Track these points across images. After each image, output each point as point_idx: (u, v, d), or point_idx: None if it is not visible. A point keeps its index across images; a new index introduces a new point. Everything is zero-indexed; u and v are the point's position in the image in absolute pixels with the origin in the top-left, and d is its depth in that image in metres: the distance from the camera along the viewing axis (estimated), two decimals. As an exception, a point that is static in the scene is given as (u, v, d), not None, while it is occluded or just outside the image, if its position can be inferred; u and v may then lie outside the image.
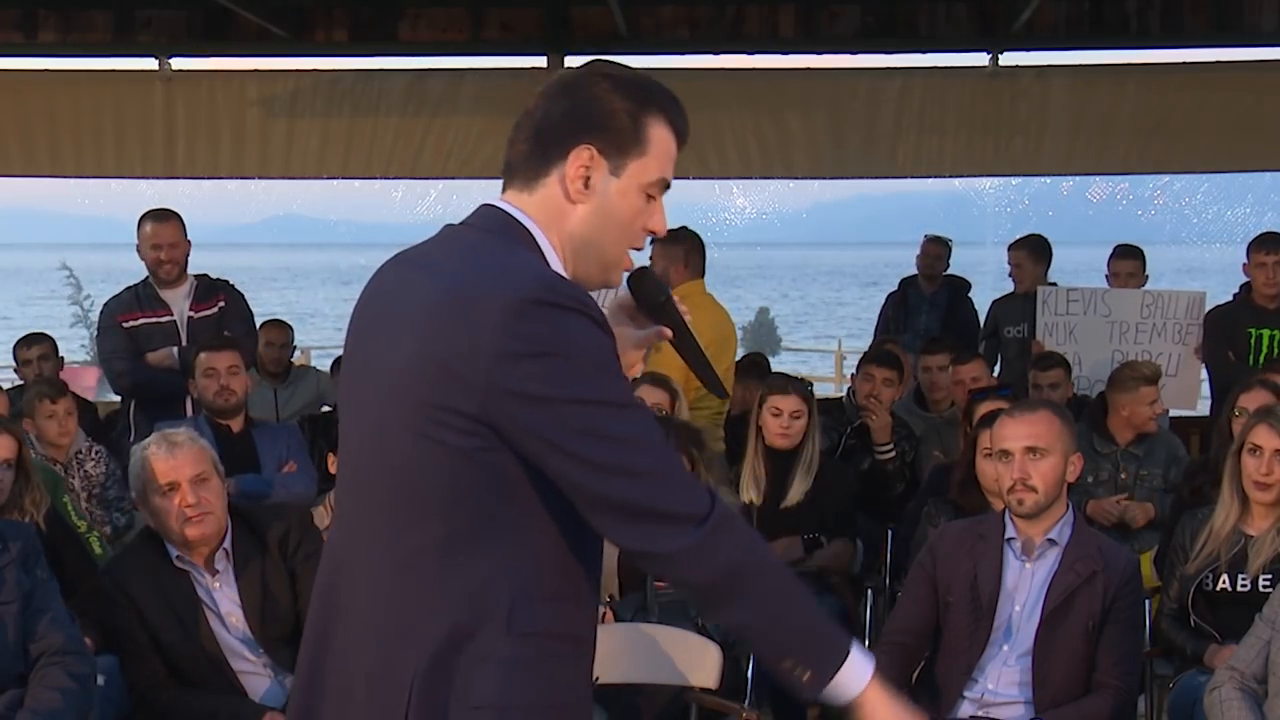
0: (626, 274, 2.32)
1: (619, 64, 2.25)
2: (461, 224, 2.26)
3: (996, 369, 7.74)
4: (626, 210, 2.21)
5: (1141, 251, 7.65)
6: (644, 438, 2.11)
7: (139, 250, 6.47)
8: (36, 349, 7.38)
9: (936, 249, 8.85)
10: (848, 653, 2.17)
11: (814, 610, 2.22)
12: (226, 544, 4.10)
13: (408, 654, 2.15)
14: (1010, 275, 7.99)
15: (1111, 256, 7.63)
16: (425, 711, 2.13)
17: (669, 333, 2.35)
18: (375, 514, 2.22)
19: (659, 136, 2.20)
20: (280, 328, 8.18)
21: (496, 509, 2.14)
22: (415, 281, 2.19)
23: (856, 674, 2.17)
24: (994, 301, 8.16)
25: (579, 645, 2.25)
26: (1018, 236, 8.10)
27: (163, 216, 6.46)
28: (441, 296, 2.11)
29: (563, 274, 2.19)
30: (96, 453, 5.99)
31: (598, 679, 2.36)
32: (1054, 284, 7.67)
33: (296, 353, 9.04)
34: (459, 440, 2.10)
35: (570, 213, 2.19)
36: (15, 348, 7.52)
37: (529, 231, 2.18)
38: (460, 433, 2.09)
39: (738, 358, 7.11)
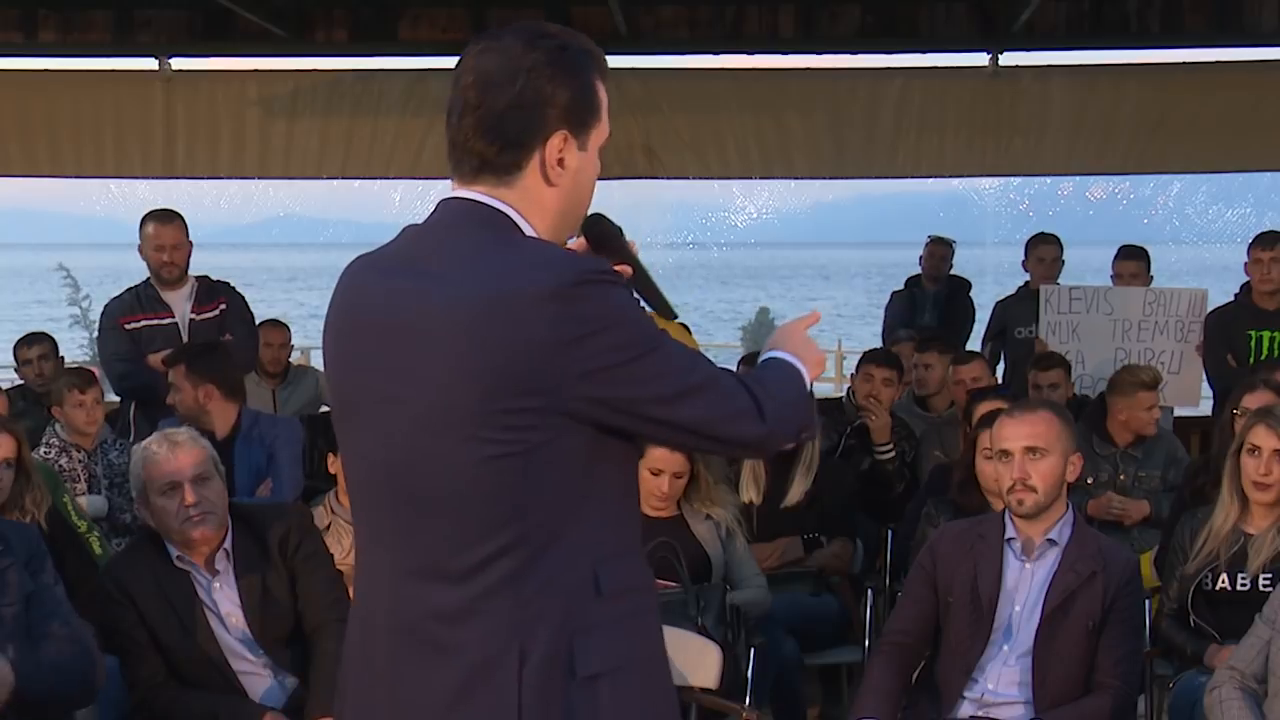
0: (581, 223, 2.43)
1: (530, 26, 2.28)
2: (436, 223, 2.27)
3: (1000, 370, 7.73)
4: (593, 173, 2.33)
5: (1146, 252, 7.63)
6: (689, 359, 2.24)
7: (141, 250, 6.47)
8: (36, 349, 7.40)
9: (941, 250, 8.91)
10: None
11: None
12: (227, 544, 4.09)
13: (502, 651, 2.16)
14: (1026, 269, 7.93)
15: (1116, 257, 7.62)
16: (541, 696, 2.16)
17: (629, 270, 2.42)
18: (423, 532, 2.22)
19: (602, 94, 2.31)
20: (278, 328, 8.16)
21: (571, 492, 2.19)
22: (416, 291, 2.19)
23: None
24: (998, 302, 8.14)
25: (652, 595, 2.36)
26: (1034, 233, 8.06)
27: (166, 217, 6.46)
28: (474, 304, 2.13)
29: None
30: (120, 444, 6.09)
31: None
32: (1056, 283, 7.67)
33: (296, 353, 9.03)
34: (527, 438, 2.14)
35: (549, 195, 2.27)
36: (15, 348, 7.54)
37: (514, 221, 2.24)
38: (528, 430, 2.13)
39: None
